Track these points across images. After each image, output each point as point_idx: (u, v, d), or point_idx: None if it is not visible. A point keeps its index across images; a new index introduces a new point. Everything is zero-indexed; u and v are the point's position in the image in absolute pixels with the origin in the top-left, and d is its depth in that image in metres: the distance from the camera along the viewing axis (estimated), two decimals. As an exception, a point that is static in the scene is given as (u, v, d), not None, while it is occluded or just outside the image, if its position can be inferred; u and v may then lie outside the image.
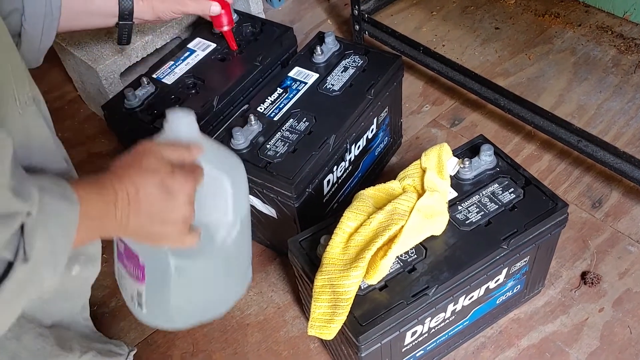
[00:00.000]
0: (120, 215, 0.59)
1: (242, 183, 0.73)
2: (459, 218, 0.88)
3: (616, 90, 1.36)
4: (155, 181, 0.61)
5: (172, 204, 0.62)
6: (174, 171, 0.62)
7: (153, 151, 0.63)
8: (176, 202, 0.62)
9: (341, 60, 1.15)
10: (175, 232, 0.63)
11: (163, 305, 0.71)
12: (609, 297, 1.03)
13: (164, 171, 0.62)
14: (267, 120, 1.05)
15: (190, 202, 0.63)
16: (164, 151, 0.64)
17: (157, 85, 1.14)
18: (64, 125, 1.48)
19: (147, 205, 0.61)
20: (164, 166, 0.62)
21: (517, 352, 0.99)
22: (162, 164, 0.62)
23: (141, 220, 0.61)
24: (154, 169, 0.62)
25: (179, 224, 0.63)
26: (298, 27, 1.63)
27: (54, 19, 0.89)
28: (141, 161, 0.62)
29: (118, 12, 1.04)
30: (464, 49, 1.52)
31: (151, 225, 0.62)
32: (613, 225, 1.13)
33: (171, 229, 0.63)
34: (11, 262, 0.50)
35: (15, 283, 0.50)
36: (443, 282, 0.81)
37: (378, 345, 0.81)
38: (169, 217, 0.62)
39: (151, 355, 1.05)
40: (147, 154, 0.63)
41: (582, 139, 1.12)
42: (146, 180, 0.61)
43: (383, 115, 1.16)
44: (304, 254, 0.88)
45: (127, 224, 0.60)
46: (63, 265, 0.54)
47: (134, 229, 0.61)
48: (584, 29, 1.52)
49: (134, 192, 0.60)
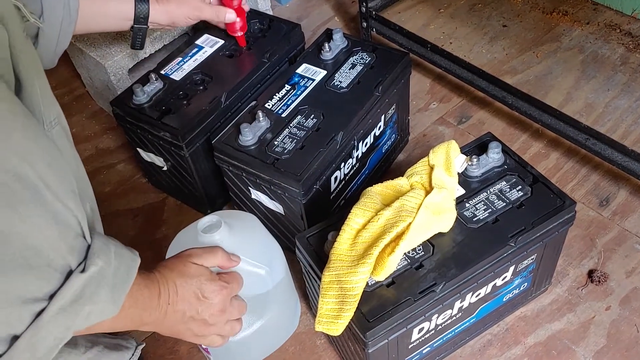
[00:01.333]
0: (160, 309, 0.67)
1: (278, 260, 0.93)
2: (467, 215, 0.88)
3: (624, 89, 1.36)
4: (193, 285, 0.71)
5: (205, 306, 0.72)
6: (213, 278, 0.74)
7: (195, 257, 0.74)
8: (209, 304, 0.73)
9: (349, 57, 1.15)
10: (204, 330, 0.74)
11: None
12: (616, 295, 1.03)
13: (203, 278, 0.72)
14: (275, 117, 1.05)
15: (223, 308, 0.75)
16: (205, 259, 0.74)
17: (166, 82, 1.14)
18: (71, 121, 1.49)
19: (184, 304, 0.70)
20: (203, 273, 0.73)
21: (524, 349, 0.99)
22: (201, 271, 0.73)
23: (177, 316, 0.70)
24: (194, 274, 0.72)
25: (207, 324, 0.74)
26: (306, 23, 1.63)
27: (71, 21, 0.90)
28: (184, 265, 0.72)
29: (134, 16, 1.05)
30: (472, 47, 1.52)
31: (183, 322, 0.71)
32: (620, 224, 1.13)
33: (199, 327, 0.73)
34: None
35: (71, 291, 0.53)
36: (450, 279, 0.81)
37: (385, 341, 0.81)
38: (199, 316, 0.72)
39: (159, 350, 1.05)
40: (189, 260, 0.73)
41: (590, 137, 1.12)
42: (186, 282, 0.70)
43: (390, 112, 1.16)
44: (311, 250, 0.88)
45: (164, 320, 0.69)
46: (120, 301, 0.59)
47: (169, 325, 0.70)
48: (592, 26, 1.52)
49: (174, 291, 0.69)
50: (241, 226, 0.89)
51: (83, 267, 0.54)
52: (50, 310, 0.51)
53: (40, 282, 0.51)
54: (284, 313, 0.99)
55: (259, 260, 0.89)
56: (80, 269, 0.53)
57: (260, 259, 0.89)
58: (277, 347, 1.02)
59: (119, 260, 0.58)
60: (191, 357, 1.03)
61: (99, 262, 0.55)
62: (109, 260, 0.56)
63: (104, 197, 1.31)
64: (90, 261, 0.54)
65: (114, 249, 0.58)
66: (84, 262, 0.54)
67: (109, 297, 0.56)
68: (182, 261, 0.73)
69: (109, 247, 0.57)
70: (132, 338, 0.95)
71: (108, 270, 0.56)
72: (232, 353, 0.96)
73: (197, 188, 1.16)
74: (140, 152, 1.19)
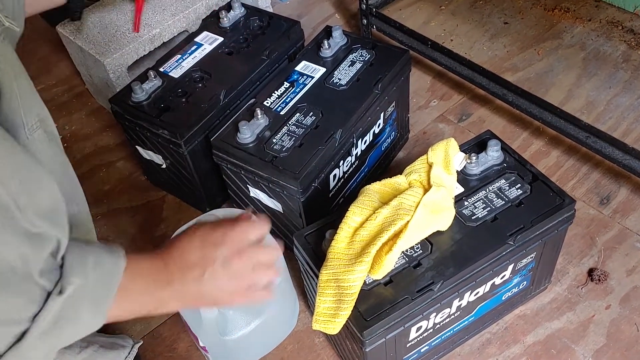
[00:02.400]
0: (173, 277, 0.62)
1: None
2: (465, 214, 0.87)
3: (626, 86, 1.35)
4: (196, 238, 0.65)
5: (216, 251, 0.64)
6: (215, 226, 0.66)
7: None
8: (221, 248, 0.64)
9: (348, 54, 1.14)
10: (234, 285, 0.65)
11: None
12: (616, 294, 1.03)
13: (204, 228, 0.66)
14: (274, 115, 1.05)
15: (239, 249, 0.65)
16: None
17: (164, 79, 1.14)
18: (71, 118, 1.49)
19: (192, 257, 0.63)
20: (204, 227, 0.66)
21: (523, 348, 0.98)
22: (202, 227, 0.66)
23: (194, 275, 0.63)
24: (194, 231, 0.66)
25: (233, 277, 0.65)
26: (305, 21, 1.63)
27: None
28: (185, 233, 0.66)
29: None
30: (473, 44, 1.51)
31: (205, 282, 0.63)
32: (621, 222, 1.12)
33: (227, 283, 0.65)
34: None
35: (50, 314, 0.52)
36: (448, 277, 0.81)
37: (382, 340, 0.81)
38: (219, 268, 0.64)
39: (157, 348, 1.05)
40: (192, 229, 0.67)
41: (591, 135, 1.11)
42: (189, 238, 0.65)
43: (390, 110, 1.15)
44: (310, 248, 0.88)
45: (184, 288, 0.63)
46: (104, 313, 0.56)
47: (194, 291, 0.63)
48: (594, 23, 1.51)
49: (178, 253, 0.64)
50: None
51: (60, 288, 0.53)
52: (32, 334, 0.51)
53: (17, 302, 0.50)
54: (282, 311, 0.99)
55: None
56: (57, 289, 0.53)
57: None
58: (275, 346, 1.02)
59: (98, 272, 0.56)
60: (190, 355, 1.03)
61: (76, 281, 0.54)
62: (86, 275, 0.55)
63: (103, 194, 1.31)
64: (66, 281, 0.53)
65: (93, 258, 0.56)
66: (61, 282, 0.53)
67: (91, 312, 0.55)
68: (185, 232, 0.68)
69: (86, 259, 0.55)
70: (129, 337, 0.95)
71: (86, 286, 0.54)
72: (230, 351, 0.96)
73: (196, 186, 1.16)
74: (140, 149, 1.19)
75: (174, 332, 1.06)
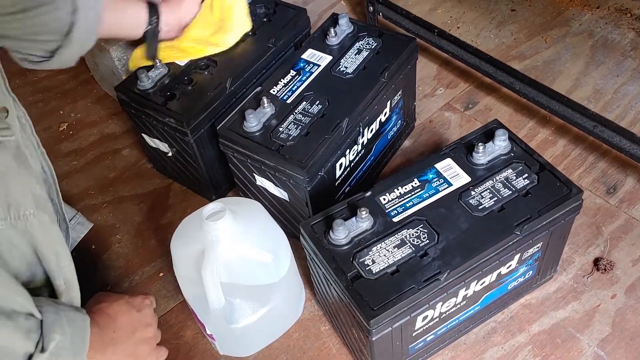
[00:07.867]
0: None
1: (283, 247, 0.94)
2: (472, 203, 0.87)
3: (634, 75, 1.34)
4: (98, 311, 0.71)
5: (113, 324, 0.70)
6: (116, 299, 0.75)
7: None
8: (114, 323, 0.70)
9: (355, 42, 1.14)
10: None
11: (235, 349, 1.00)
12: (622, 283, 1.03)
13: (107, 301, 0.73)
14: (280, 103, 1.04)
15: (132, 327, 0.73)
16: None
17: (170, 67, 1.13)
18: (77, 105, 1.48)
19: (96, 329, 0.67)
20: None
21: (528, 337, 0.99)
22: None
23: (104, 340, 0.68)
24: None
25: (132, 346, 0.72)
26: (311, 8, 1.62)
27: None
28: None
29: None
30: (479, 31, 1.50)
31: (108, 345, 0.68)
32: (627, 212, 1.12)
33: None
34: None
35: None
36: (455, 267, 0.81)
37: (389, 329, 0.81)
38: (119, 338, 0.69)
39: (164, 335, 1.05)
40: None
41: (598, 124, 1.11)
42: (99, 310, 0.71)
43: (396, 98, 1.15)
44: (316, 237, 0.88)
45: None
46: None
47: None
48: (602, 11, 1.49)
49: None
50: (246, 214, 0.89)
51: (42, 346, 0.55)
52: None
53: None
54: (288, 300, 1.00)
55: (264, 247, 0.89)
56: (39, 348, 0.55)
57: (265, 246, 0.89)
58: (281, 334, 1.02)
59: (72, 327, 0.59)
60: (196, 343, 1.04)
61: (56, 337, 0.56)
62: (63, 331, 0.57)
63: (109, 182, 1.31)
64: (47, 338, 0.55)
65: (65, 314, 0.59)
66: (41, 340, 0.55)
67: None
68: None
69: (60, 316, 0.58)
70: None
71: (65, 340, 0.57)
72: (237, 339, 0.96)
73: (202, 174, 1.16)
74: (145, 137, 1.19)
75: (181, 320, 1.07)
